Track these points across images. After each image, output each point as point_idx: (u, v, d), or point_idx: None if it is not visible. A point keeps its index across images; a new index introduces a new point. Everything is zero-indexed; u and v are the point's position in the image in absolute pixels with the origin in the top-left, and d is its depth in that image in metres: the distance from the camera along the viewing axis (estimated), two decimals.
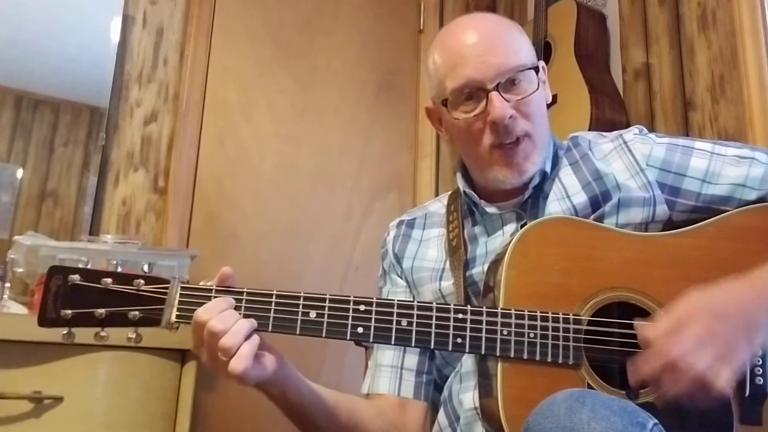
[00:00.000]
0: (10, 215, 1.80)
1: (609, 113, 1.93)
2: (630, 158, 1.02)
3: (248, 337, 0.81)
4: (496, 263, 0.93)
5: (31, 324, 1.34)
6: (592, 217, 0.98)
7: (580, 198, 1.01)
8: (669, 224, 0.99)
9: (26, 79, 1.90)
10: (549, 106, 1.07)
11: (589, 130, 1.85)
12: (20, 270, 1.53)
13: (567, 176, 1.05)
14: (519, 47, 1.03)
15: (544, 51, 2.10)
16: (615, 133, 1.08)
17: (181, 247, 1.92)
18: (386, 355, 1.09)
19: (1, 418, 1.25)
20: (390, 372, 1.07)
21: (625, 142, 1.04)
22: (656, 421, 0.70)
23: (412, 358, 1.08)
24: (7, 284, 1.58)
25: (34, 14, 1.93)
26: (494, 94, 0.97)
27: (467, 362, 1.01)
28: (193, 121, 2.07)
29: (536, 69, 1.01)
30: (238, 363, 0.79)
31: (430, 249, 1.12)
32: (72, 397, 1.30)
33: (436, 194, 2.32)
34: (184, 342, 1.39)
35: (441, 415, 1.04)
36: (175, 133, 2.04)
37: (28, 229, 1.74)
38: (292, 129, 2.24)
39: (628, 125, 1.94)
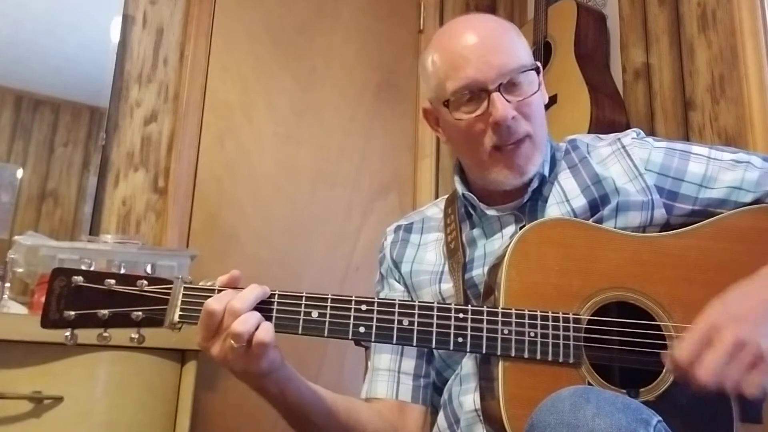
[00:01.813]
0: (10, 215, 1.80)
1: (609, 113, 1.93)
2: (628, 162, 1.02)
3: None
4: (496, 266, 0.93)
5: (31, 324, 1.34)
6: (591, 220, 0.99)
7: (579, 202, 1.02)
8: (666, 227, 0.99)
9: (26, 79, 1.90)
10: (549, 106, 1.07)
11: (589, 130, 1.85)
12: (20, 270, 1.53)
13: (566, 180, 1.05)
14: (519, 48, 1.03)
15: (544, 51, 2.10)
16: (612, 136, 1.08)
17: (181, 247, 1.92)
18: (383, 359, 1.09)
19: (1, 418, 1.25)
20: (387, 376, 1.07)
21: (623, 147, 1.04)
22: (660, 418, 0.70)
23: (409, 361, 1.08)
24: (7, 284, 1.58)
25: (34, 14, 1.93)
26: (496, 95, 0.96)
27: (467, 364, 1.01)
28: (193, 121, 2.07)
29: (537, 69, 1.01)
30: (266, 332, 0.81)
31: (428, 253, 1.12)
32: (72, 397, 1.30)
33: (436, 194, 2.32)
34: (185, 342, 1.39)
35: (441, 418, 1.04)
36: (175, 133, 2.04)
37: (28, 229, 1.74)
38: (292, 129, 2.24)
39: (628, 125, 1.94)
